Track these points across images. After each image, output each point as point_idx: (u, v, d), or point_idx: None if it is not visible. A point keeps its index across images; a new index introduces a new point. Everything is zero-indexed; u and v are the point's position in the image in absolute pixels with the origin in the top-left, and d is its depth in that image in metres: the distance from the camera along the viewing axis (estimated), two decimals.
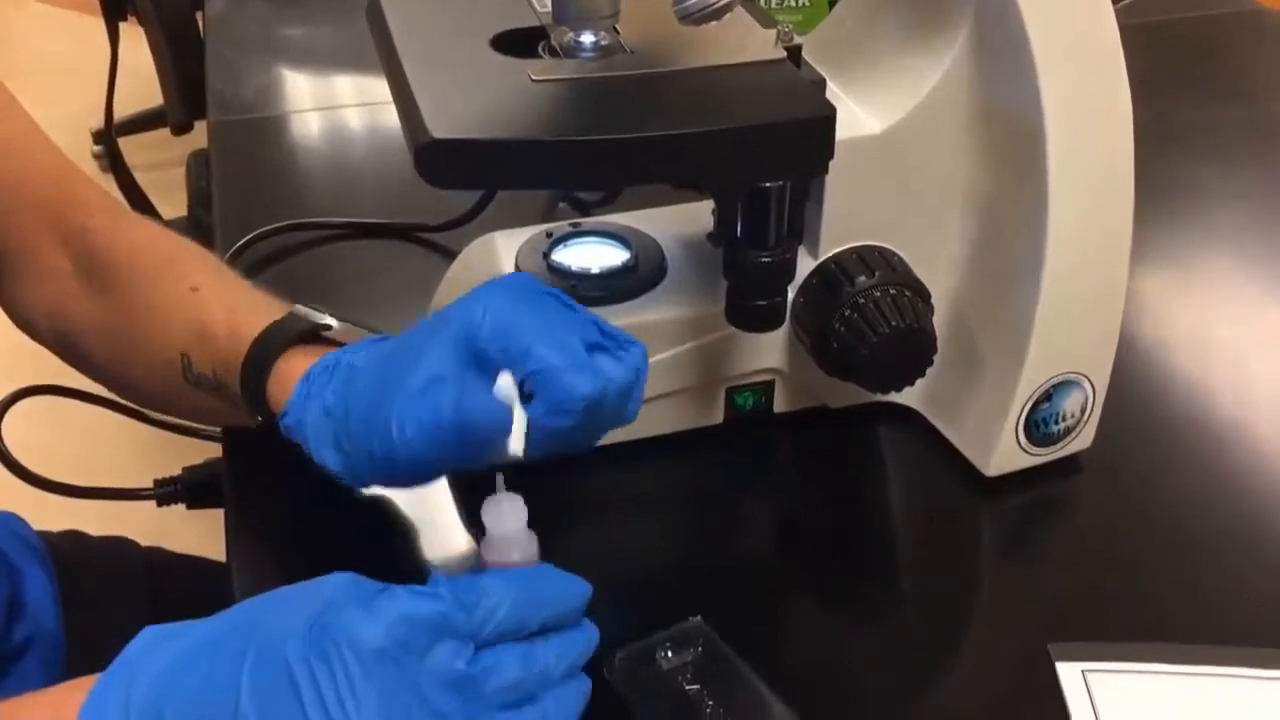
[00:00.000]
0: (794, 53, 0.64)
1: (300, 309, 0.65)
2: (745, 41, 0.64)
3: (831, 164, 0.62)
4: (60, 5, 2.96)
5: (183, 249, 0.74)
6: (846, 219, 0.68)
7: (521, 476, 0.51)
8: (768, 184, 0.61)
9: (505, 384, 0.50)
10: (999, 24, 0.63)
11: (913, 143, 0.67)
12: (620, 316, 0.69)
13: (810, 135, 0.59)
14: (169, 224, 0.79)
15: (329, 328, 0.64)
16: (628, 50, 0.63)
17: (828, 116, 0.59)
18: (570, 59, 0.63)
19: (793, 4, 1.22)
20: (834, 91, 0.68)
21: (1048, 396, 0.69)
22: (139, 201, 1.80)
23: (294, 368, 0.62)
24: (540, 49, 0.65)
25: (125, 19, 1.62)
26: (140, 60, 1.71)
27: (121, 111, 1.93)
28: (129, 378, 0.74)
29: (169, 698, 0.46)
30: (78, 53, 2.31)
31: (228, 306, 0.67)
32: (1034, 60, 0.62)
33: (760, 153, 0.59)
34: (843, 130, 0.63)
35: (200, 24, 1.42)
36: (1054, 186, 0.65)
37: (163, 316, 0.69)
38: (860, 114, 0.67)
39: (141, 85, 1.89)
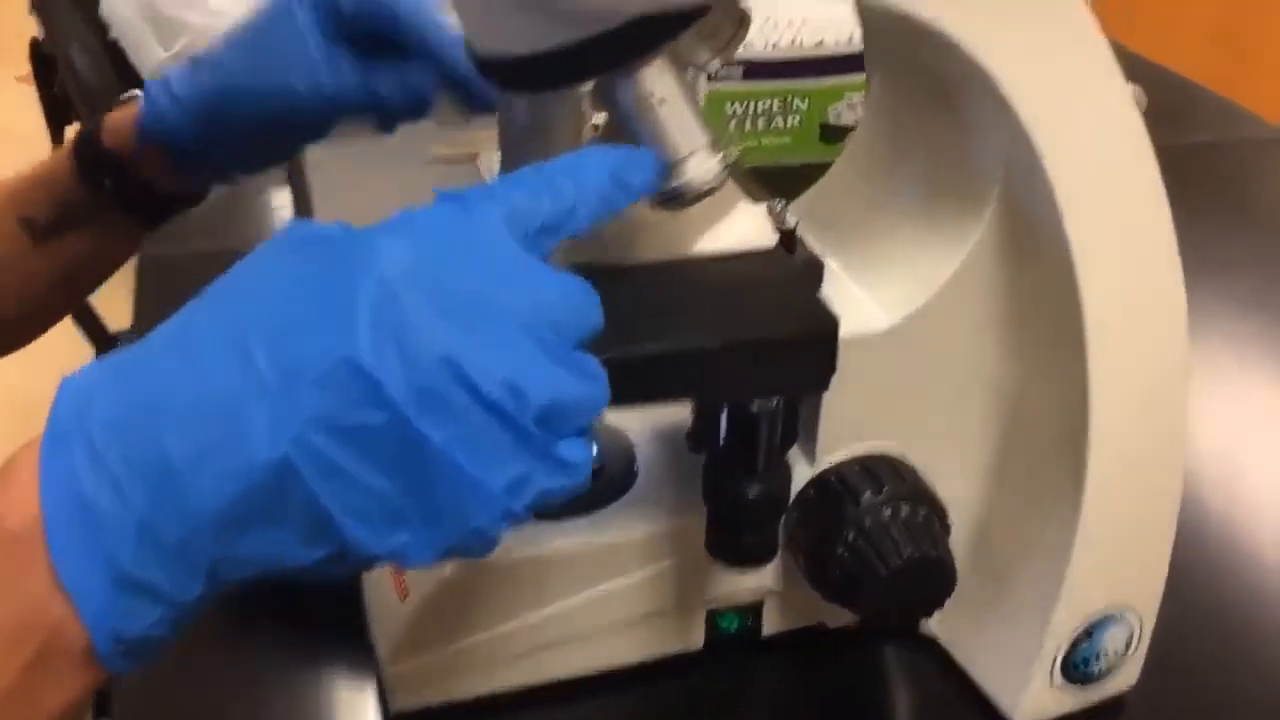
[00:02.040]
0: (788, 236, 0.54)
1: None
2: (730, 222, 0.54)
3: (840, 359, 0.52)
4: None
5: None
6: (849, 422, 0.58)
7: None
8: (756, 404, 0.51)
9: None
10: (1028, 195, 0.54)
11: (928, 337, 0.57)
12: (582, 533, 0.58)
13: (808, 353, 0.49)
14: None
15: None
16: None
17: (829, 333, 0.48)
18: None
19: (780, 125, 1.13)
20: (835, 273, 0.58)
21: (1087, 634, 0.58)
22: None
23: (126, 111, 0.66)
24: None
25: (70, 123, 1.52)
26: None
27: None
28: None
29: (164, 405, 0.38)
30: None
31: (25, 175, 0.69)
32: (1069, 241, 0.53)
33: (747, 372, 0.48)
34: (845, 324, 0.53)
35: None
36: (1095, 387, 0.55)
37: None
38: (866, 303, 0.57)
39: None
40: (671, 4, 0.46)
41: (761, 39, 1.09)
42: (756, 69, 1.09)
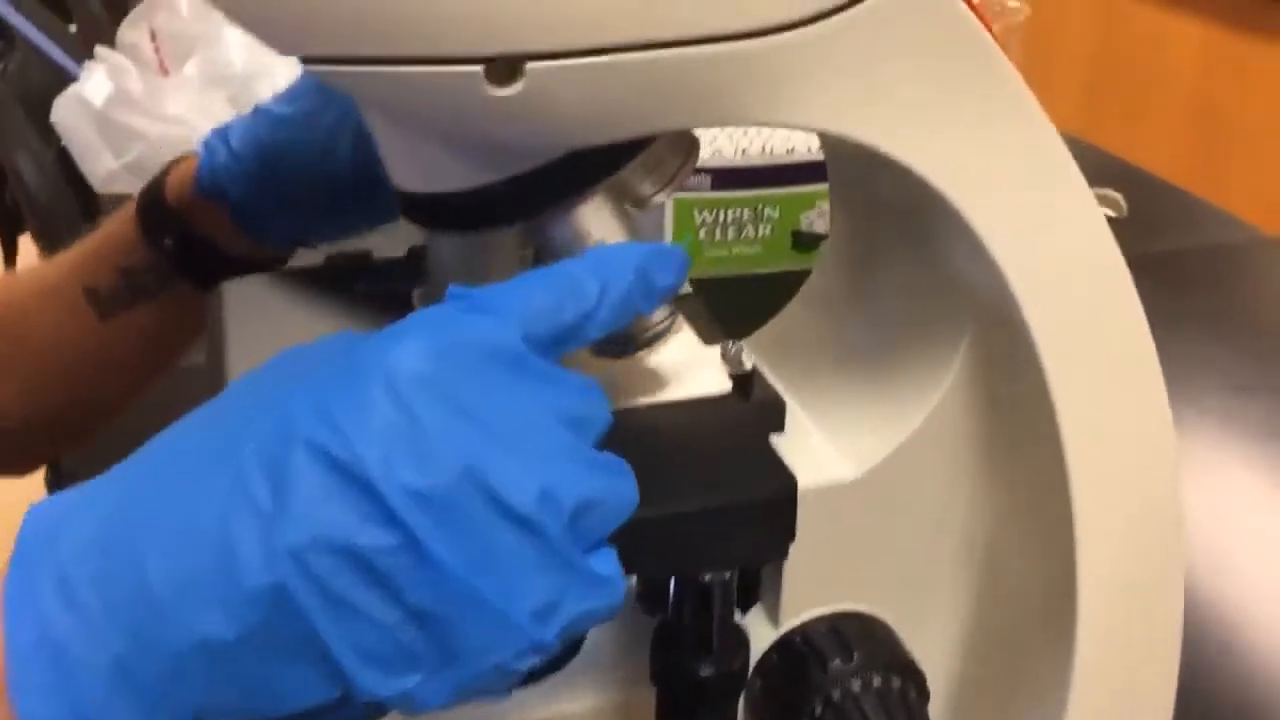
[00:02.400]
0: (743, 381, 0.50)
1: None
2: (679, 366, 0.50)
3: (800, 513, 0.47)
4: None
5: None
6: (815, 580, 0.53)
7: None
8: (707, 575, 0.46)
9: None
10: (1003, 335, 0.49)
11: (897, 488, 0.52)
12: (522, 709, 0.53)
13: (761, 519, 0.44)
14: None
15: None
16: None
17: (786, 496, 0.44)
18: None
19: (751, 234, 1.10)
20: (796, 416, 0.53)
21: None
22: None
23: (190, 163, 0.62)
24: None
25: (22, 233, 1.49)
26: None
27: None
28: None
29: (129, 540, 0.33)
30: None
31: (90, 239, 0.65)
32: (1048, 384, 0.48)
33: (690, 543, 0.44)
34: (808, 473, 0.48)
35: None
36: (1082, 538, 0.50)
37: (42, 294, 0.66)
38: (830, 451, 0.52)
39: None
40: (611, 138, 0.42)
41: (731, 145, 1.06)
42: (725, 176, 1.06)
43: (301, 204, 0.61)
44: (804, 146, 1.07)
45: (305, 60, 0.38)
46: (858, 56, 0.42)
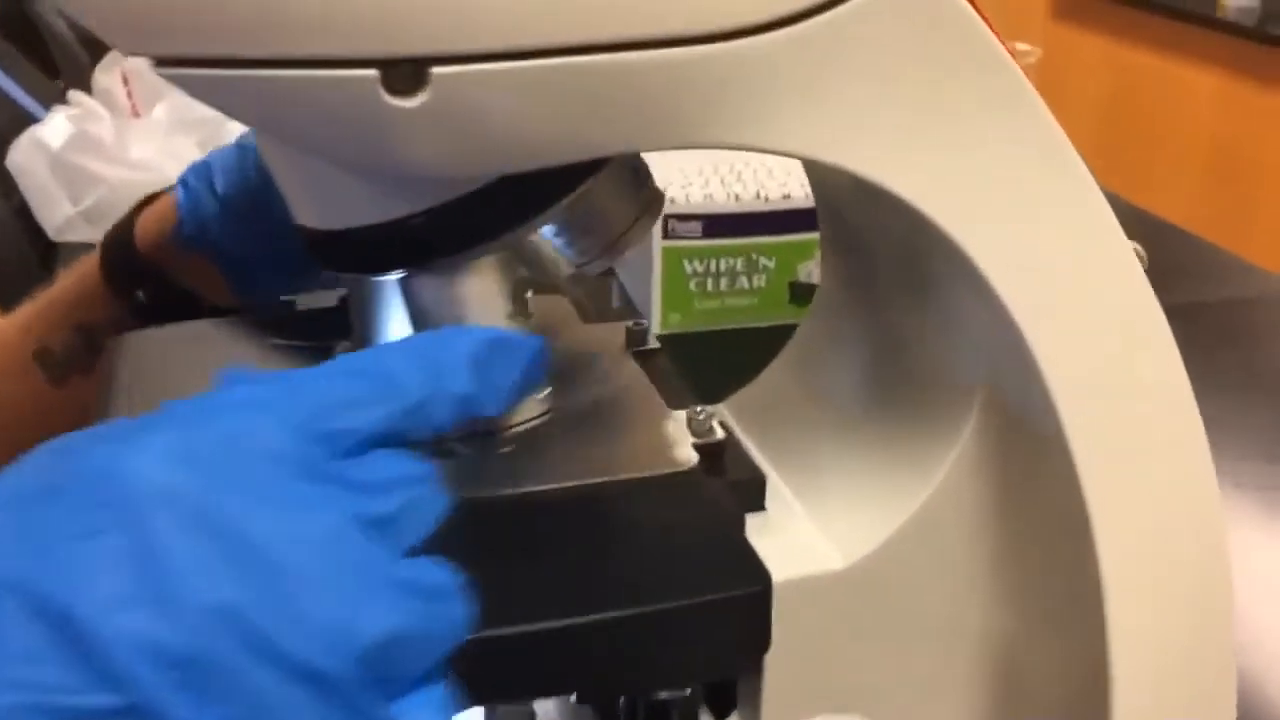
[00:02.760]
0: (713, 452, 0.42)
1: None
2: (639, 437, 0.42)
3: (776, 608, 0.39)
4: None
5: None
6: (800, 686, 0.45)
7: None
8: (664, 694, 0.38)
9: None
10: (1020, 402, 0.42)
11: (895, 577, 0.44)
12: None
13: (729, 623, 0.36)
14: None
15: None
16: (459, 448, 0.41)
17: (759, 597, 0.36)
18: None
19: (745, 285, 1.02)
20: (779, 493, 0.46)
21: None
22: None
23: (162, 205, 0.56)
24: None
25: None
26: None
27: None
28: None
29: None
30: None
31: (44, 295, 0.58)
32: (1073, 460, 0.40)
33: (644, 653, 0.36)
34: (791, 563, 0.41)
35: None
36: (1116, 638, 0.42)
37: None
38: (816, 534, 0.45)
39: None
40: (540, 162, 0.35)
41: (723, 190, 0.99)
42: (717, 223, 0.99)
43: (298, 253, 0.53)
44: (802, 191, 1.00)
45: (157, 63, 0.30)
46: (841, 67, 0.35)
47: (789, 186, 1.00)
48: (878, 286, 0.48)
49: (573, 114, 0.32)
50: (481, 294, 0.38)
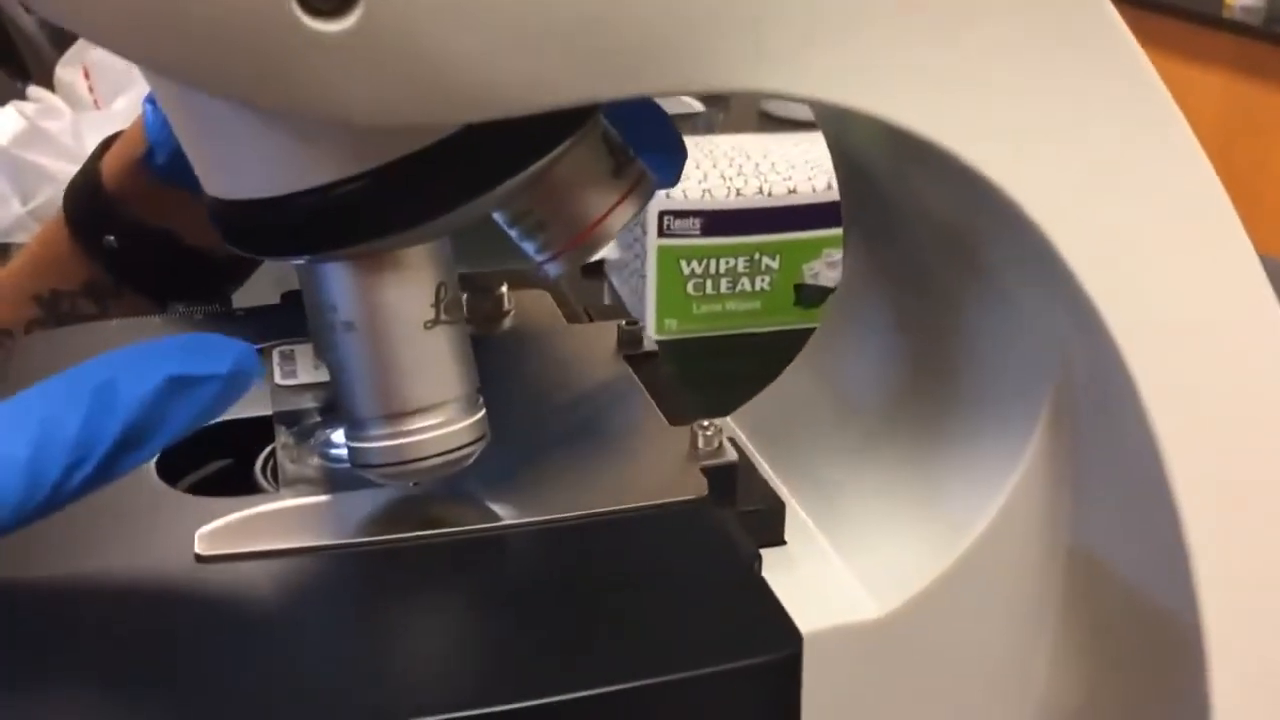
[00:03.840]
0: (724, 476, 0.35)
1: None
2: (633, 456, 0.35)
3: (807, 660, 0.32)
4: None
5: None
6: None
7: None
8: None
9: None
10: (1097, 413, 0.34)
11: (940, 627, 0.37)
12: None
13: (754, 691, 0.29)
14: None
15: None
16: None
17: (789, 660, 0.29)
18: (304, 495, 0.33)
19: (748, 287, 0.95)
20: (798, 523, 0.38)
21: None
22: None
23: (125, 136, 0.48)
24: (259, 469, 0.36)
25: None
26: None
27: None
28: None
29: None
30: None
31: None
32: (1169, 483, 0.33)
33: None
34: (817, 611, 0.34)
35: None
36: (1220, 694, 0.35)
37: None
38: (845, 575, 0.37)
39: None
40: (505, 111, 0.27)
41: (723, 184, 0.92)
42: (717, 220, 0.91)
43: None
44: (808, 187, 0.93)
45: None
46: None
47: (794, 181, 0.93)
48: (915, 280, 0.40)
49: (550, 45, 0.25)
50: (396, 292, 0.30)
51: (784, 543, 0.37)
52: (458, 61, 0.25)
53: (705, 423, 0.36)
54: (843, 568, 0.38)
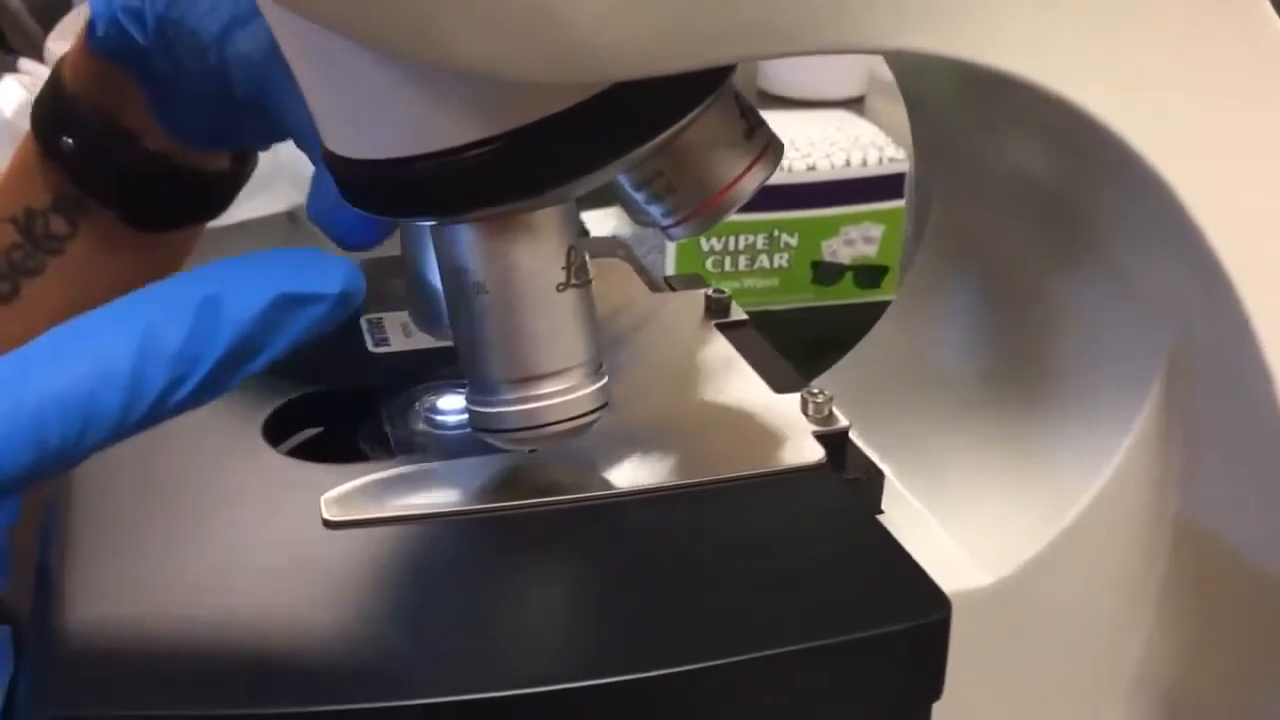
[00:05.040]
0: (835, 443, 0.35)
1: None
2: (743, 423, 0.34)
3: None
4: None
5: None
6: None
7: None
8: None
9: None
10: (1217, 380, 0.34)
11: (1041, 595, 0.36)
12: None
13: (905, 658, 0.28)
14: None
15: None
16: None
17: (939, 624, 0.28)
18: (416, 461, 0.33)
19: (765, 264, 0.95)
20: (895, 493, 0.38)
21: None
22: None
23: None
24: (361, 436, 0.35)
25: None
26: None
27: None
28: None
29: None
30: None
31: None
32: None
33: (799, 703, 0.28)
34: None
35: None
36: None
37: None
38: (949, 544, 0.37)
39: None
40: (649, 71, 0.27)
41: None
42: None
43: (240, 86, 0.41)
44: (827, 164, 0.92)
45: None
46: None
47: (813, 158, 0.92)
48: (1006, 247, 0.40)
49: (698, 4, 0.24)
50: (530, 254, 0.29)
51: (881, 512, 0.37)
52: (606, 18, 0.24)
53: (815, 389, 0.35)
54: (945, 536, 0.37)
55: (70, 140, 0.44)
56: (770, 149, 0.34)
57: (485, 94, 0.27)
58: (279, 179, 0.49)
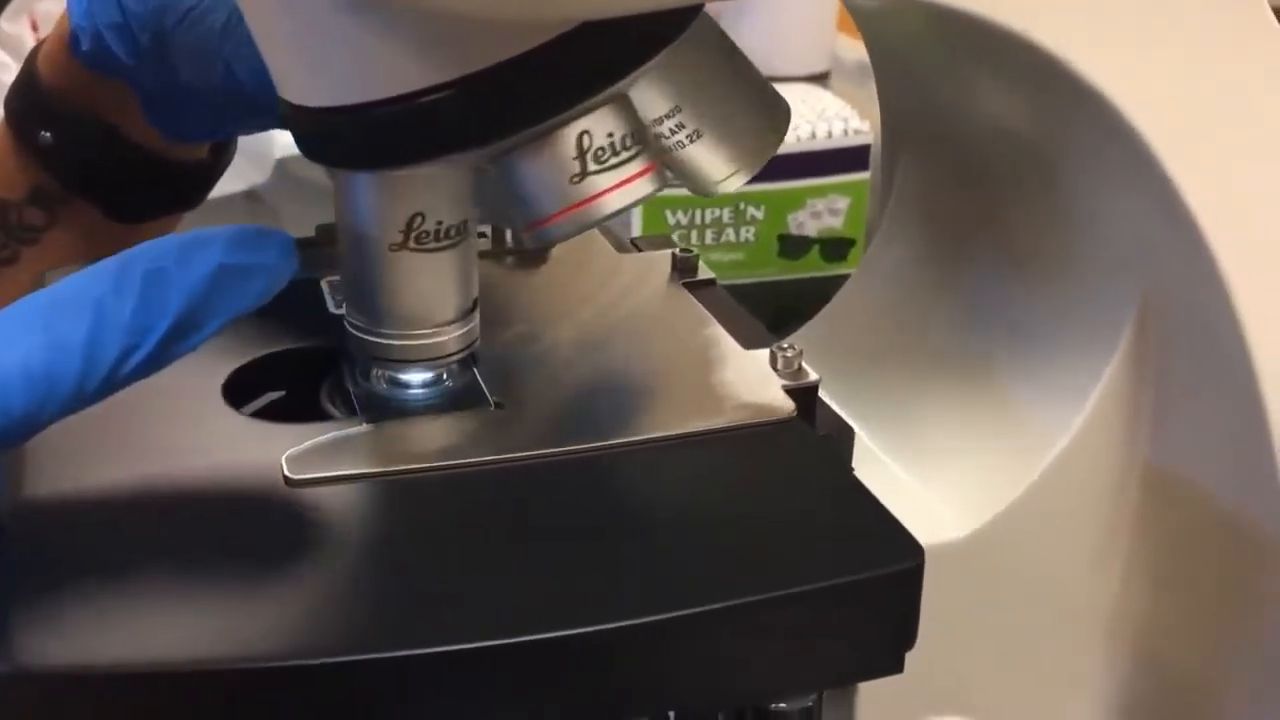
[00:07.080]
0: (806, 398, 0.34)
1: None
2: (713, 377, 0.34)
3: None
4: None
5: None
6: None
7: None
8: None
9: None
10: (1189, 327, 0.34)
11: (1015, 545, 0.36)
12: None
13: (879, 606, 0.28)
14: None
15: None
16: (489, 397, 0.32)
17: (913, 571, 0.28)
18: (379, 417, 0.32)
19: (732, 237, 0.94)
20: (865, 449, 0.38)
21: None
22: None
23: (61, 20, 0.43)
24: (324, 396, 0.34)
25: None
26: None
27: None
28: None
29: None
30: None
31: None
32: (1265, 405, 0.33)
33: (776, 651, 0.27)
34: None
35: None
36: None
37: None
38: (924, 497, 0.37)
39: None
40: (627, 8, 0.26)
41: None
42: None
43: (240, 85, 0.41)
44: (793, 136, 0.92)
45: None
46: None
47: None
48: (976, 196, 0.39)
49: None
50: (363, 210, 0.30)
51: (850, 467, 0.37)
52: None
53: (783, 344, 0.35)
54: (918, 491, 0.37)
55: (48, 134, 0.43)
56: (785, 113, 0.33)
57: (444, 36, 0.26)
58: (238, 158, 0.50)
